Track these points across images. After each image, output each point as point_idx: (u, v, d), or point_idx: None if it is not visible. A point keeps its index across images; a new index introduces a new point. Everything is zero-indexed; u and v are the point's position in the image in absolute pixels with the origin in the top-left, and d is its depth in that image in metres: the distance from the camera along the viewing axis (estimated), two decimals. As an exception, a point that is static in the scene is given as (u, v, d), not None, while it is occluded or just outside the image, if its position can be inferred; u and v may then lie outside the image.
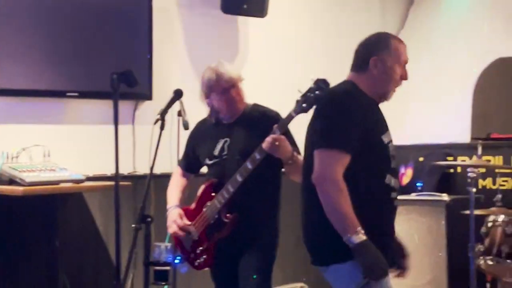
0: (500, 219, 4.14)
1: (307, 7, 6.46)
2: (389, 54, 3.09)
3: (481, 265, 4.18)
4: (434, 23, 6.77)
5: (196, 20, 5.74)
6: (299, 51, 6.28)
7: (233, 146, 3.83)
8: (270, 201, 3.89)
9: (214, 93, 3.84)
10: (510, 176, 5.77)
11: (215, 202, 3.78)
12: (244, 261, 3.76)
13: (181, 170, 4.17)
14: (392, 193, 3.08)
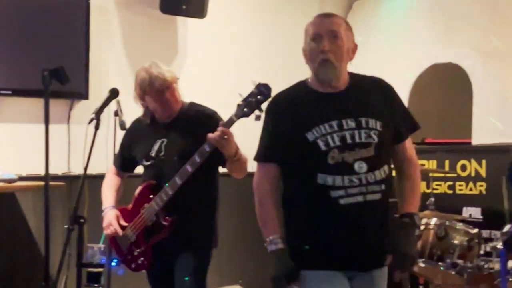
0: (432, 222, 4.21)
1: (246, 9, 6.48)
2: (305, 40, 3.08)
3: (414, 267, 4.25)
4: (372, 28, 6.86)
5: (134, 19, 5.70)
6: (239, 52, 6.30)
7: (170, 147, 3.81)
8: (209, 203, 3.88)
9: (148, 96, 3.80)
10: (444, 180, 5.90)
11: (153, 204, 3.75)
12: (180, 261, 3.75)
13: (116, 169, 4.12)
14: (333, 192, 2.88)
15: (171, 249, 3.76)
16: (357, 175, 2.88)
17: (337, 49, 2.97)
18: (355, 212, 2.90)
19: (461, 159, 5.83)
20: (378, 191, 2.90)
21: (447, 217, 4.38)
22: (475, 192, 5.73)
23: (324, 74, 3.00)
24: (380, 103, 3.01)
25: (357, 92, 3.04)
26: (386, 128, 2.95)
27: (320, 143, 2.90)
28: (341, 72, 3.01)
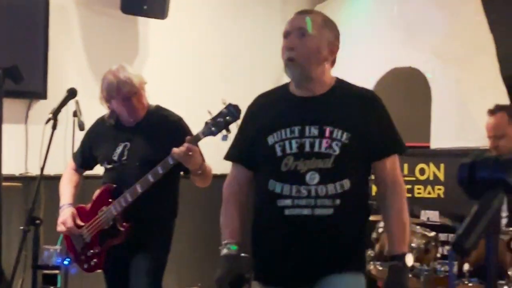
0: (390, 225, 4.24)
1: (208, 10, 6.47)
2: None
3: (371, 270, 4.28)
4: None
5: (94, 19, 5.67)
6: (200, 53, 6.29)
7: (133, 152, 3.78)
8: (168, 209, 3.87)
9: (115, 100, 3.77)
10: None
11: (112, 208, 3.73)
12: (135, 263, 3.74)
13: (75, 165, 4.08)
14: (280, 200, 2.72)
15: (127, 251, 3.75)
16: (306, 186, 2.70)
17: (303, 47, 2.76)
18: (301, 225, 2.72)
19: (420, 163, 5.90)
20: (329, 206, 2.69)
21: (405, 220, 4.42)
22: (433, 195, 5.80)
23: (289, 73, 2.83)
24: (356, 114, 2.77)
25: (334, 100, 2.82)
26: (354, 141, 2.72)
27: (277, 148, 2.77)
28: (311, 73, 2.79)
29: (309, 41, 2.76)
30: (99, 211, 3.79)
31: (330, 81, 2.86)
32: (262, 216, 2.83)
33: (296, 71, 2.78)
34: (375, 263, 4.22)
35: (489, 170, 1.17)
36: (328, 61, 2.82)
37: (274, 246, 2.80)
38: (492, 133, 4.33)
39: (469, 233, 1.11)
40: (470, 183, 1.19)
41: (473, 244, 1.10)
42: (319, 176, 2.70)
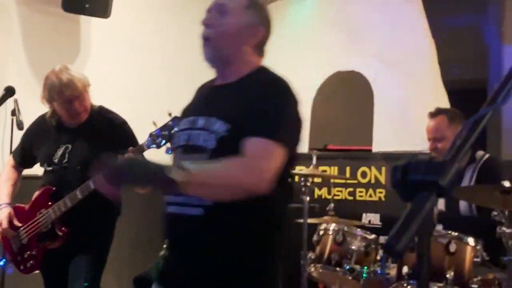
0: (331, 227, 4.27)
1: (150, 9, 6.43)
2: None
3: (312, 272, 4.30)
4: (278, 34, 6.90)
5: (35, 17, 5.58)
6: (143, 52, 6.24)
7: (74, 155, 3.73)
8: (108, 214, 3.84)
9: (56, 102, 3.72)
10: (344, 187, 6.00)
11: (51, 212, 3.68)
12: (74, 264, 3.70)
13: (15, 162, 4.01)
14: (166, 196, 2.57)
15: (65, 254, 3.70)
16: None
17: (221, 26, 2.58)
18: (173, 224, 2.55)
19: (362, 166, 5.94)
20: (198, 206, 2.42)
21: (346, 223, 4.45)
22: (374, 198, 5.85)
23: (204, 53, 2.61)
24: (244, 105, 2.49)
25: (236, 90, 2.57)
26: (234, 133, 2.42)
27: (175, 139, 2.65)
28: (228, 57, 2.60)
29: (228, 20, 2.58)
30: (38, 213, 3.74)
31: (248, 69, 2.62)
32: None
33: (211, 51, 2.60)
34: (316, 265, 4.24)
35: (422, 173, 1.18)
36: (248, 45, 2.61)
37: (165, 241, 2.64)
38: (432, 135, 4.41)
39: (401, 235, 1.12)
40: (403, 186, 1.20)
41: (404, 246, 1.11)
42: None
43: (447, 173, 1.18)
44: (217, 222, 2.44)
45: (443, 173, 1.18)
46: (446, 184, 1.17)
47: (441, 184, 1.17)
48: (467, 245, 3.86)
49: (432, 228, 1.15)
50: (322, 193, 6.05)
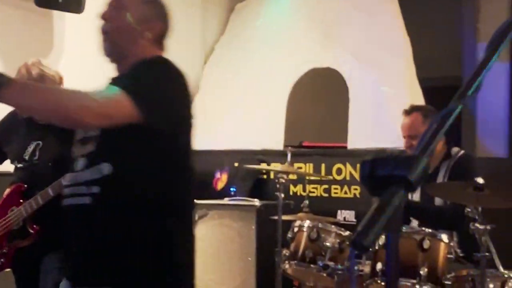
0: (305, 224, 4.25)
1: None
2: None
3: (287, 269, 4.29)
4: (253, 30, 6.91)
5: (7, 11, 5.52)
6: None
7: (45, 151, 3.69)
8: None
9: None
10: (320, 184, 6.00)
11: (22, 209, 3.64)
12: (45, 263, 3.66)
13: None
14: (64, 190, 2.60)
15: (37, 252, 3.67)
16: (74, 173, 2.53)
17: (116, 20, 2.62)
18: (68, 215, 2.55)
19: (337, 163, 5.95)
20: (85, 194, 2.44)
21: (321, 220, 4.45)
22: (349, 195, 5.86)
23: (103, 49, 2.67)
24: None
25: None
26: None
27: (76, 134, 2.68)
28: (124, 51, 2.63)
29: (121, 14, 2.62)
30: (9, 211, 3.69)
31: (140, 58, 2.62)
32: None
33: (108, 46, 2.64)
34: (290, 262, 4.23)
35: (390, 168, 1.17)
36: (144, 38, 2.63)
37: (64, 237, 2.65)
38: (407, 132, 4.41)
39: (368, 230, 1.11)
40: (372, 181, 1.19)
41: (372, 242, 1.10)
42: (87, 161, 2.49)
43: (415, 168, 1.17)
44: (105, 210, 2.44)
45: (411, 168, 1.17)
46: (414, 179, 1.16)
47: (409, 179, 1.16)
48: (441, 242, 3.86)
49: (400, 223, 1.14)
50: (298, 190, 6.05)
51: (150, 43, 2.66)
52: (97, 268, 2.48)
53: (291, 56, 6.55)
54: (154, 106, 2.44)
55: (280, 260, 4.46)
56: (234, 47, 6.89)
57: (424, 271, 3.74)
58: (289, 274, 4.41)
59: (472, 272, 3.73)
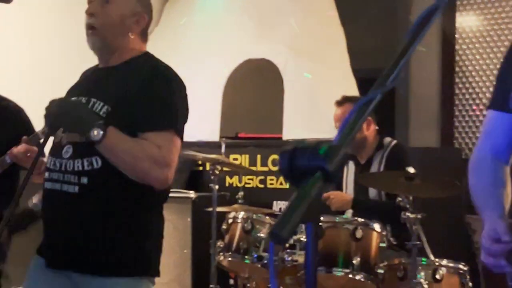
0: (240, 216, 4.23)
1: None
2: None
3: (222, 261, 4.26)
4: (188, 21, 6.86)
5: None
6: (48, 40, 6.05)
7: None
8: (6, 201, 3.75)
9: None
10: (255, 175, 5.99)
11: None
12: None
13: None
14: (46, 173, 2.71)
15: None
16: (60, 160, 2.62)
17: (104, 15, 2.67)
18: (53, 199, 2.67)
19: (273, 154, 5.94)
20: (74, 183, 2.58)
21: (255, 211, 4.44)
22: (285, 186, 5.86)
23: (89, 42, 2.72)
24: (128, 86, 2.63)
25: (118, 72, 2.70)
26: (114, 115, 2.58)
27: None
28: (113, 44, 2.70)
29: (111, 8, 2.68)
30: None
31: (134, 53, 2.75)
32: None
33: (96, 39, 2.70)
34: (225, 254, 4.21)
35: (308, 158, 1.15)
36: (133, 32, 2.73)
37: (44, 218, 2.77)
38: (339, 123, 4.43)
39: (286, 222, 1.09)
40: (291, 171, 1.17)
41: (289, 233, 1.08)
42: (73, 150, 2.61)
43: (333, 157, 1.15)
44: (92, 199, 2.59)
45: (330, 158, 1.15)
46: (333, 169, 1.14)
47: (327, 169, 1.14)
48: (373, 231, 3.90)
49: (319, 213, 1.13)
50: (233, 182, 6.03)
51: (137, 36, 2.76)
52: (81, 254, 2.62)
53: (226, 47, 6.52)
54: (182, 126, 2.71)
55: (215, 252, 4.43)
56: (169, 38, 6.81)
57: (357, 261, 3.77)
58: (224, 266, 4.39)
59: (404, 261, 3.77)
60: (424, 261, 3.74)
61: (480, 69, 6.16)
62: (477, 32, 6.20)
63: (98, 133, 2.48)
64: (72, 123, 2.55)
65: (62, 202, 2.63)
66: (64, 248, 2.66)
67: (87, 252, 2.62)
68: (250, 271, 4.26)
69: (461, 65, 6.25)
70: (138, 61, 2.73)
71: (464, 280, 3.71)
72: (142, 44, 2.80)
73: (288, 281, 4.09)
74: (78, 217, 2.62)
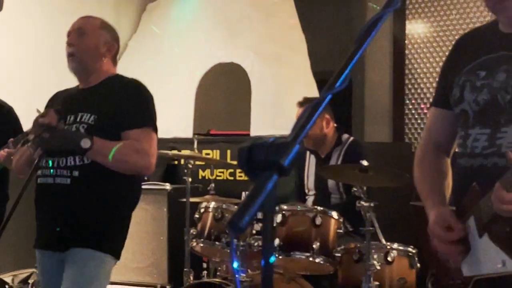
0: (211, 205, 4.22)
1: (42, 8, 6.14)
2: None
3: (195, 247, 4.26)
4: (164, 29, 6.83)
5: None
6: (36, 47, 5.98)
7: None
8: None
9: None
10: (226, 168, 5.98)
11: None
12: None
13: None
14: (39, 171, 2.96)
15: None
16: (54, 157, 2.90)
17: (81, 44, 2.99)
18: (47, 192, 2.94)
19: (241, 149, 5.92)
20: (67, 176, 2.87)
21: (225, 201, 4.42)
22: (252, 178, 5.86)
23: (69, 67, 3.03)
24: (107, 98, 2.96)
25: (99, 90, 3.01)
26: (100, 121, 2.89)
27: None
28: (89, 67, 3.01)
29: (87, 39, 3.01)
30: None
31: (107, 74, 3.05)
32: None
33: (75, 64, 3.00)
34: (197, 240, 4.20)
35: (265, 153, 1.15)
36: (106, 57, 3.04)
37: (37, 211, 3.04)
38: (301, 121, 4.43)
39: (243, 212, 1.08)
40: (249, 166, 1.17)
41: (246, 223, 1.07)
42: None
43: (287, 153, 1.15)
44: (81, 190, 2.87)
45: (284, 153, 1.15)
46: (287, 163, 1.14)
47: (282, 163, 1.14)
48: (331, 218, 3.91)
49: (275, 204, 1.12)
50: (206, 174, 6.02)
51: (109, 60, 3.07)
52: (75, 230, 2.89)
53: (198, 52, 6.50)
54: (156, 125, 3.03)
55: (188, 239, 4.42)
56: (146, 44, 6.78)
57: (316, 245, 3.77)
58: (197, 251, 4.38)
59: (359, 245, 3.79)
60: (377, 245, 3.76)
61: (428, 71, 6.21)
62: (424, 38, 6.25)
63: (86, 142, 2.76)
64: (65, 143, 2.82)
65: (55, 193, 2.89)
66: (58, 231, 2.90)
67: (76, 231, 2.89)
68: (221, 255, 4.26)
69: (411, 68, 6.28)
70: (113, 80, 3.05)
71: (413, 262, 3.73)
72: (113, 67, 3.11)
73: (255, 264, 4.09)
74: (70, 204, 2.88)
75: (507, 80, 2.08)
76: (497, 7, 2.13)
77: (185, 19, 6.73)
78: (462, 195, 2.16)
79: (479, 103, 2.15)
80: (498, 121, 2.09)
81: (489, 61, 2.17)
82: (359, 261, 3.72)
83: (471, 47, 2.27)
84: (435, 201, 2.24)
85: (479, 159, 2.13)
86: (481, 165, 2.12)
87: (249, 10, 6.43)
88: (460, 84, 2.22)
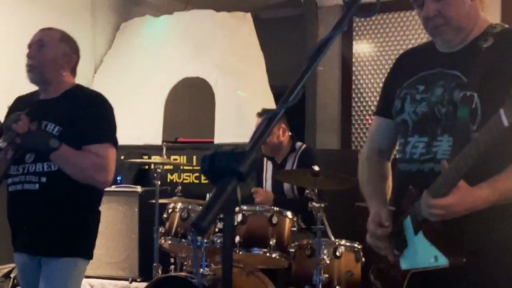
0: (178, 206, 4.21)
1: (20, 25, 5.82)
2: None
3: (163, 244, 4.23)
4: (136, 46, 6.78)
5: None
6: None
7: None
8: None
9: None
10: (192, 172, 5.96)
11: None
12: None
13: None
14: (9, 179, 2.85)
15: None
16: (23, 164, 2.80)
17: (41, 56, 2.85)
18: (16, 198, 2.84)
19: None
20: (35, 182, 2.77)
21: (191, 202, 4.40)
22: (216, 181, 5.83)
23: (29, 78, 2.88)
24: (71, 111, 2.83)
25: (62, 101, 2.88)
26: (64, 132, 2.78)
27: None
28: (48, 79, 2.87)
29: (46, 51, 2.85)
30: None
31: (67, 86, 2.92)
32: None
33: (35, 76, 2.86)
34: (165, 238, 4.17)
35: (225, 161, 1.15)
36: (65, 69, 2.90)
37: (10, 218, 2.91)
38: (259, 131, 4.42)
39: (206, 214, 1.08)
40: (211, 172, 1.16)
41: (208, 224, 1.07)
42: (35, 156, 2.79)
43: (246, 161, 1.15)
44: (48, 196, 2.77)
45: (243, 161, 1.15)
46: (245, 170, 1.14)
47: (240, 170, 1.14)
48: (286, 217, 3.93)
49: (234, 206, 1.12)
50: (174, 178, 5.98)
51: (68, 72, 2.93)
52: (46, 239, 2.80)
53: (167, 67, 6.46)
54: (116, 138, 2.94)
55: (157, 236, 4.39)
56: (119, 59, 6.72)
57: (273, 242, 3.79)
58: (165, 248, 4.35)
59: (311, 241, 3.80)
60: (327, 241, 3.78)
61: (372, 86, 6.27)
62: (369, 56, 6.32)
63: (54, 142, 2.70)
64: (35, 144, 2.74)
65: (24, 199, 2.79)
66: (28, 236, 2.81)
67: (46, 239, 2.80)
68: (187, 251, 4.24)
69: (357, 83, 6.34)
70: (74, 91, 2.92)
71: (358, 256, 3.76)
72: (73, 78, 2.98)
73: (218, 259, 4.08)
74: (37, 210, 2.78)
75: (443, 94, 2.11)
76: (434, 31, 2.16)
77: (156, 37, 6.69)
78: (401, 197, 2.19)
79: (418, 114, 2.18)
80: (435, 131, 2.12)
81: (428, 76, 2.19)
82: (311, 256, 3.74)
83: (411, 63, 2.30)
84: (377, 202, 2.26)
85: (417, 164, 2.15)
86: (418, 170, 2.14)
87: (214, 29, 6.43)
88: (401, 97, 2.24)
